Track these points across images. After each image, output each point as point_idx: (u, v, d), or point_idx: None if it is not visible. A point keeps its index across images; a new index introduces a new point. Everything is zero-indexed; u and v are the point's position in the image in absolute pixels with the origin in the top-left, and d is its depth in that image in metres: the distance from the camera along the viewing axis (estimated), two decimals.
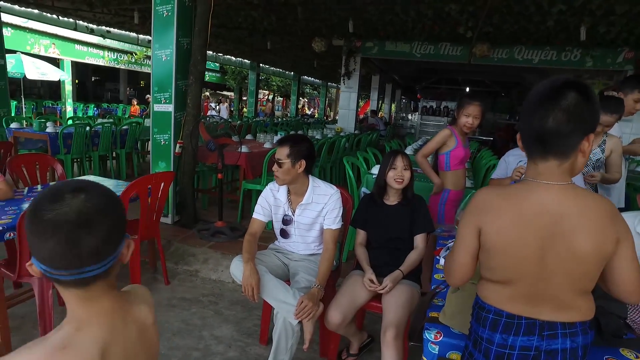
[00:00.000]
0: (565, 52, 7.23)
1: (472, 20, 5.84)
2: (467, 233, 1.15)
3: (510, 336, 1.12)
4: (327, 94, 22.46)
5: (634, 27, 5.46)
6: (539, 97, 1.06)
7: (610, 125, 2.46)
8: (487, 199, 1.13)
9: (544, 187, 1.06)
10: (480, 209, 1.12)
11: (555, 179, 1.06)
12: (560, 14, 5.06)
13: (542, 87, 1.06)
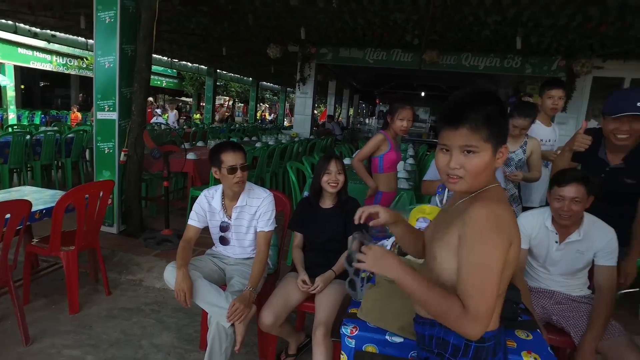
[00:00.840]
0: (507, 59, 7.65)
1: (418, 28, 6.08)
2: (500, 257, 1.04)
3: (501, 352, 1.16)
4: (287, 99, 22.52)
5: (561, 39, 5.87)
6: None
7: (527, 128, 2.67)
8: (506, 212, 1.09)
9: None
10: (507, 224, 1.06)
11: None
12: (496, 24, 5.37)
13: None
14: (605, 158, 2.19)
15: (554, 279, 2.12)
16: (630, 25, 4.87)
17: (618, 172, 2.13)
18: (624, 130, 2.01)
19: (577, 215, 1.93)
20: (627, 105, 1.95)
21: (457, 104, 1.10)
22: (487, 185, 1.14)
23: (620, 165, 2.13)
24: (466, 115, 1.06)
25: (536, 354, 1.37)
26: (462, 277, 1.06)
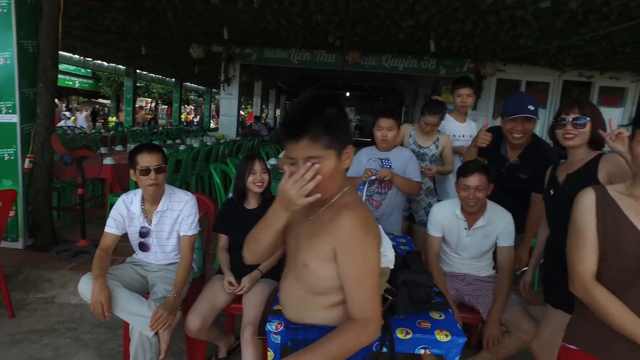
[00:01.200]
0: (424, 61, 8.14)
1: (339, 30, 6.26)
2: (377, 257, 1.18)
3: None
4: (213, 100, 21.94)
5: (469, 43, 6.40)
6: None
7: (437, 124, 2.88)
8: (367, 211, 1.21)
9: None
10: (371, 223, 1.17)
11: None
12: (411, 28, 5.70)
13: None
14: (506, 154, 2.42)
15: (464, 263, 2.32)
16: (521, 34, 5.46)
17: (515, 167, 2.37)
18: (519, 130, 2.24)
19: (481, 202, 2.13)
20: (520, 107, 2.18)
21: (295, 116, 1.11)
22: (341, 189, 1.18)
23: (517, 161, 2.37)
24: (305, 127, 1.07)
25: (447, 331, 1.50)
26: (352, 289, 1.11)
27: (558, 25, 4.95)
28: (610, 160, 1.69)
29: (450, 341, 1.47)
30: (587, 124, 1.72)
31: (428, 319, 1.59)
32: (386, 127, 2.61)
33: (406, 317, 1.57)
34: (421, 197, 3.01)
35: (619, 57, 6.59)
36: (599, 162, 1.72)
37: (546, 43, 5.97)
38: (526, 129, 2.23)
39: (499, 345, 2.06)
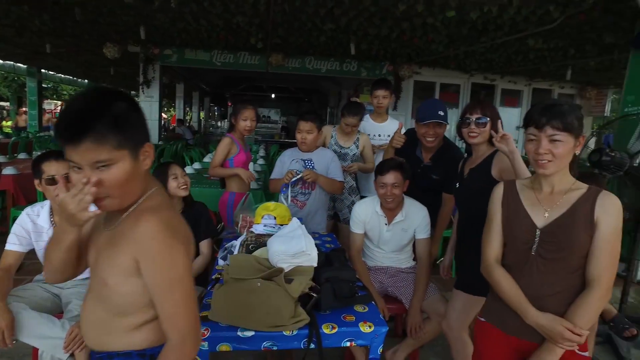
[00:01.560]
0: (346, 63, 8.41)
1: (261, 32, 6.24)
2: (187, 262, 1.07)
3: None
4: None
5: (387, 47, 6.73)
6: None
7: (357, 125, 3.02)
8: (172, 212, 1.11)
9: None
10: (177, 226, 1.08)
11: None
12: (332, 32, 5.86)
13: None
14: (421, 156, 2.60)
15: (386, 256, 2.46)
16: (433, 40, 5.88)
17: (428, 168, 2.56)
18: (431, 134, 2.42)
19: (398, 198, 2.27)
20: (431, 113, 2.37)
21: (73, 114, 0.92)
22: (144, 193, 1.06)
23: (429, 163, 2.56)
24: (86, 127, 0.90)
25: (370, 322, 1.58)
26: (161, 300, 1.00)
27: (463, 33, 5.40)
28: (500, 157, 1.89)
29: (373, 331, 1.56)
30: (487, 123, 1.92)
31: (352, 312, 1.66)
32: (305, 130, 2.68)
33: (332, 313, 1.63)
34: (344, 196, 3.12)
35: (513, 63, 7.35)
36: (493, 158, 1.93)
37: (455, 49, 6.47)
38: (437, 133, 2.42)
39: (420, 331, 2.21)
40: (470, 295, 2.01)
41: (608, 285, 1.28)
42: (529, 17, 4.44)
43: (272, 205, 2.10)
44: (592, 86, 9.45)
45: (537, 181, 1.42)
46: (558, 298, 1.33)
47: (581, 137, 1.34)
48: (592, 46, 5.66)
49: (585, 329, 1.29)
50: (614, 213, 1.28)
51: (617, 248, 1.29)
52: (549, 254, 1.33)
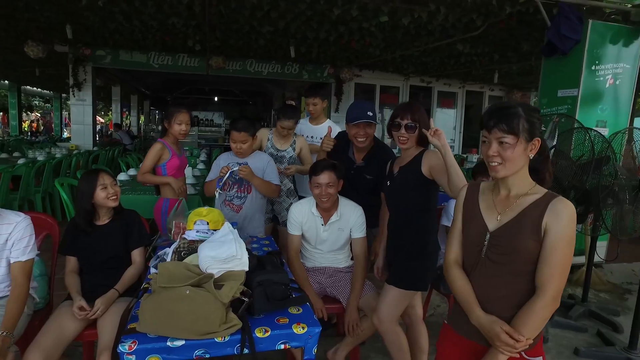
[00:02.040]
0: (287, 66, 8.43)
1: (199, 34, 6.11)
2: None
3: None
4: (65, 107, 19.34)
5: (326, 50, 6.84)
6: None
7: (292, 128, 3.04)
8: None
9: None
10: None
11: None
12: (271, 34, 5.86)
13: None
14: (353, 157, 2.65)
15: (324, 257, 2.49)
16: (370, 44, 6.06)
17: (361, 169, 2.62)
18: (362, 134, 2.47)
19: (333, 197, 2.32)
20: (360, 114, 2.42)
21: None
22: None
23: (362, 164, 2.62)
24: None
25: (304, 324, 1.59)
26: None
27: (398, 38, 5.61)
28: (429, 156, 2.01)
29: (307, 332, 1.57)
30: (417, 129, 2.02)
31: (286, 314, 1.67)
32: (239, 140, 2.66)
33: (265, 316, 1.63)
34: (283, 198, 3.13)
35: (447, 66, 7.76)
36: (422, 156, 2.03)
37: (391, 52, 6.71)
38: (367, 133, 2.49)
39: (358, 329, 2.26)
40: (401, 289, 2.09)
41: (554, 294, 1.24)
42: (456, 24, 4.71)
43: (204, 211, 2.06)
44: (517, 89, 10.19)
45: (496, 184, 1.39)
46: (503, 302, 1.32)
47: (535, 140, 1.28)
48: (513, 52, 6.12)
49: (527, 336, 1.26)
50: (565, 220, 1.22)
51: (566, 256, 1.23)
52: (496, 257, 1.33)
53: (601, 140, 2.88)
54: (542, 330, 1.32)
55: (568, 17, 3.78)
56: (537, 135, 1.29)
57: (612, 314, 3.45)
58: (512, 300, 1.30)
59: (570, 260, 1.25)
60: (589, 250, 3.54)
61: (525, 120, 1.26)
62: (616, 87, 4.11)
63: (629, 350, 2.80)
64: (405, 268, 2.12)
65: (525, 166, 1.32)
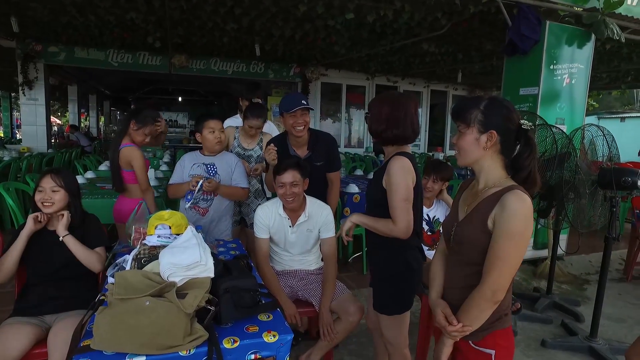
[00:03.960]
0: (252, 65, 8.28)
1: (159, 30, 5.88)
2: None
3: None
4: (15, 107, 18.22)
5: (292, 48, 6.76)
6: None
7: (260, 127, 2.96)
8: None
9: None
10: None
11: None
12: (235, 32, 5.71)
13: None
14: (295, 153, 2.60)
15: (294, 259, 2.42)
16: (336, 42, 6.03)
17: (309, 159, 2.57)
18: (300, 122, 2.46)
19: (299, 197, 2.24)
20: (295, 102, 2.44)
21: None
22: None
23: (308, 154, 2.59)
24: None
25: (275, 331, 1.51)
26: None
27: (364, 36, 5.61)
28: (391, 164, 1.76)
29: (278, 340, 1.49)
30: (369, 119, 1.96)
31: (256, 322, 1.59)
32: (219, 128, 2.63)
33: (233, 325, 1.54)
34: (251, 200, 3.03)
35: (412, 66, 7.85)
36: (390, 161, 1.88)
37: (357, 51, 6.71)
38: (305, 121, 2.48)
39: (332, 332, 2.20)
40: (383, 314, 2.04)
41: (493, 287, 1.23)
42: (421, 22, 4.75)
43: (166, 214, 1.93)
44: (479, 88, 10.48)
45: (476, 181, 1.41)
46: (465, 291, 1.33)
47: (490, 133, 1.27)
48: (476, 52, 6.26)
49: (465, 323, 1.29)
50: (508, 213, 1.20)
51: (505, 249, 1.21)
52: (456, 248, 1.38)
53: (563, 136, 2.95)
54: (499, 324, 1.33)
55: (527, 17, 3.89)
56: (494, 128, 1.27)
57: (574, 305, 3.57)
58: (470, 291, 1.31)
59: (513, 255, 1.22)
60: (552, 244, 3.63)
61: (481, 112, 1.28)
62: (572, 86, 4.26)
63: (590, 339, 2.89)
64: (384, 268, 1.95)
65: (490, 159, 1.32)
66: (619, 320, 3.42)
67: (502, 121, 1.28)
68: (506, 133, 1.29)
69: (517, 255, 1.23)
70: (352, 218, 1.84)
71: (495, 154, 1.31)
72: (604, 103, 17.72)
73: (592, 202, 3.02)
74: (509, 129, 1.29)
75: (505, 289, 1.26)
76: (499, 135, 1.28)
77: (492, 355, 1.32)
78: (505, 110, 1.29)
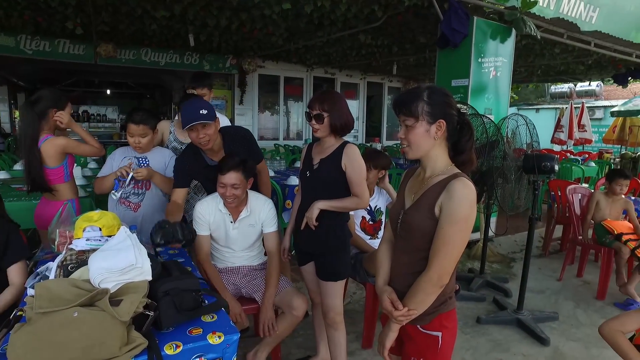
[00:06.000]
0: (186, 56, 7.92)
1: (81, 16, 5.40)
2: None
3: None
4: None
5: (228, 39, 6.54)
6: None
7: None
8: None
9: None
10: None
11: None
12: (167, 20, 5.40)
13: None
14: (211, 161, 2.35)
15: (237, 255, 2.35)
16: (272, 33, 5.93)
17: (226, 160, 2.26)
18: (202, 136, 2.15)
19: (239, 198, 2.17)
20: (193, 115, 2.10)
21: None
22: None
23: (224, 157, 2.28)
24: None
25: (220, 332, 1.45)
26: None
27: (301, 27, 5.57)
28: (348, 152, 2.00)
29: (224, 341, 1.43)
30: (325, 118, 1.96)
31: (200, 324, 1.51)
32: (138, 133, 2.40)
33: (176, 329, 1.46)
34: (190, 196, 2.89)
35: (349, 58, 7.95)
36: (342, 151, 2.00)
37: (294, 42, 6.66)
38: (208, 134, 2.17)
39: (273, 329, 2.15)
40: (337, 281, 2.10)
41: (439, 271, 1.26)
42: (358, 14, 4.80)
43: (95, 215, 1.78)
44: (414, 80, 10.87)
45: (421, 166, 1.42)
46: (410, 278, 1.35)
47: (439, 122, 1.30)
48: (410, 44, 6.46)
49: (411, 307, 1.32)
50: (454, 199, 1.23)
51: (450, 235, 1.24)
52: (403, 234, 1.39)
53: (493, 125, 3.14)
54: (445, 307, 1.38)
55: (457, 12, 4.07)
56: (442, 117, 1.30)
57: (503, 282, 3.85)
58: (416, 277, 1.33)
59: (458, 240, 1.26)
60: (483, 227, 3.87)
61: (427, 103, 1.29)
62: (497, 79, 4.55)
63: (517, 312, 3.14)
64: (330, 261, 2.10)
65: (438, 147, 1.35)
66: (539, 292, 3.75)
67: (447, 108, 1.32)
68: (450, 120, 1.32)
69: (462, 240, 1.27)
70: (318, 205, 1.98)
71: (442, 142, 1.35)
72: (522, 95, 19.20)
73: (518, 186, 3.26)
74: (452, 115, 1.33)
75: (450, 273, 1.30)
76: (446, 123, 1.31)
77: (439, 337, 1.37)
78: (447, 98, 1.33)
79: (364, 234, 2.82)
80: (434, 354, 1.37)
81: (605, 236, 3.71)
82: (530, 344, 2.86)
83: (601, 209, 3.81)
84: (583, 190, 4.27)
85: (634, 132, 10.52)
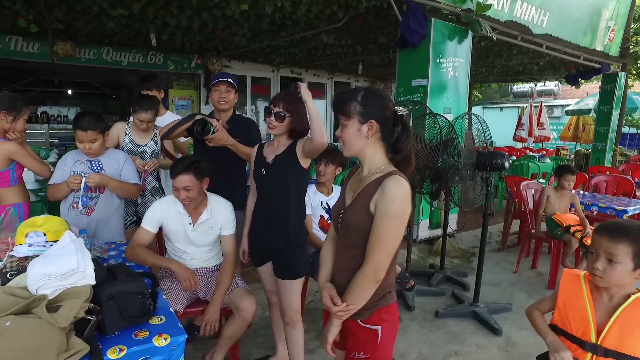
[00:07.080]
0: (150, 55, 7.74)
1: (33, 12, 5.19)
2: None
3: None
4: None
5: (191, 38, 6.44)
6: None
7: (152, 120, 2.79)
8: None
9: None
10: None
11: None
12: (125, 19, 5.26)
13: None
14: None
15: (195, 257, 2.33)
16: (236, 33, 5.88)
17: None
18: (223, 97, 2.53)
19: (195, 200, 2.16)
20: (220, 77, 2.54)
21: None
22: None
23: (227, 128, 2.50)
24: None
25: (166, 334, 1.44)
26: None
27: (264, 27, 5.55)
28: (297, 144, 2.03)
29: (170, 343, 1.43)
30: (287, 118, 1.98)
31: (147, 327, 1.50)
32: (87, 140, 2.32)
33: (122, 333, 1.44)
34: (147, 198, 2.86)
35: (315, 57, 7.97)
36: (295, 145, 2.03)
37: (259, 42, 6.62)
38: (228, 97, 2.55)
39: (213, 329, 2.13)
40: (296, 280, 2.12)
41: (374, 266, 1.30)
42: (319, 15, 4.82)
43: (40, 220, 1.73)
44: (380, 80, 11.01)
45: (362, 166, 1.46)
46: (350, 274, 1.37)
47: (370, 122, 1.34)
48: (373, 45, 6.55)
49: (349, 302, 1.34)
50: (387, 196, 1.27)
51: (384, 230, 1.28)
52: (343, 232, 1.43)
53: (447, 124, 3.23)
54: (384, 301, 1.42)
55: (414, 13, 4.16)
56: (373, 117, 1.35)
57: (462, 276, 3.97)
58: (354, 273, 1.36)
59: (393, 236, 1.30)
60: (443, 223, 3.98)
61: (359, 103, 1.35)
62: (456, 78, 4.68)
63: (473, 304, 3.26)
64: (288, 259, 2.11)
65: (373, 147, 1.39)
66: (496, 284, 3.90)
67: (380, 110, 1.37)
68: (384, 121, 1.37)
69: (396, 236, 1.31)
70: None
71: (377, 142, 1.39)
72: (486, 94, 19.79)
73: (473, 183, 3.37)
74: (386, 117, 1.38)
75: (386, 268, 1.34)
76: (378, 123, 1.36)
77: (379, 330, 1.41)
78: (381, 100, 1.38)
79: (322, 232, 2.85)
80: (374, 347, 1.40)
81: (556, 229, 3.90)
82: (485, 335, 2.98)
83: (551, 203, 4.00)
84: (535, 186, 4.46)
85: (586, 129, 11.04)
